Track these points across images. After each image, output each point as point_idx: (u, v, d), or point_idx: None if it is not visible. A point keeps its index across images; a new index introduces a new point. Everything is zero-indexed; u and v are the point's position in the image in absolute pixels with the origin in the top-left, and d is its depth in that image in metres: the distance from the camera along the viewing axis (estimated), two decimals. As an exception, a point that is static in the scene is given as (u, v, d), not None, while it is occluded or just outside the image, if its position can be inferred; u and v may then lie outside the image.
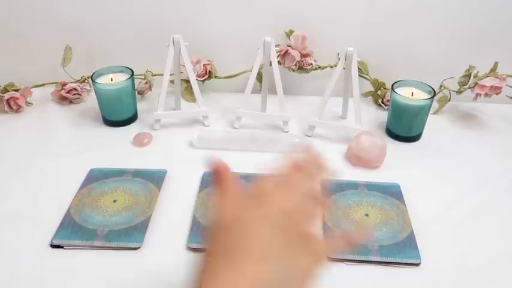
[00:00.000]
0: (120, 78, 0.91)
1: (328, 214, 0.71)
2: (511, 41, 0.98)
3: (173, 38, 0.87)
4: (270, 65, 0.89)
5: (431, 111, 0.90)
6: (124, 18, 1.00)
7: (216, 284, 0.37)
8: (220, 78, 1.03)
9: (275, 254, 0.39)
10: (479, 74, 0.93)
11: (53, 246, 0.65)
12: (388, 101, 0.98)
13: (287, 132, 0.92)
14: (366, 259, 0.64)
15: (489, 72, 0.91)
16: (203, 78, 1.00)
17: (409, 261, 0.63)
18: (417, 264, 0.63)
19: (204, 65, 1.00)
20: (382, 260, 0.63)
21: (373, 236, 0.67)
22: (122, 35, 1.02)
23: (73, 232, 0.67)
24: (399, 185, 0.77)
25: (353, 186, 0.77)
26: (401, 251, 0.65)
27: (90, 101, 1.01)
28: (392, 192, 0.76)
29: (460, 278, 0.62)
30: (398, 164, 0.83)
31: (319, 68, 1.01)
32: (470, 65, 0.94)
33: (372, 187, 0.77)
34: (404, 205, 0.73)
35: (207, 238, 0.42)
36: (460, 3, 0.94)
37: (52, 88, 1.02)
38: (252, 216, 0.42)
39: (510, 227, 0.70)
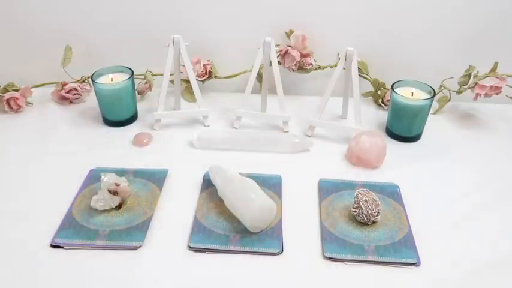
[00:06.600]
0: (120, 78, 0.91)
1: (325, 214, 0.71)
2: (511, 41, 0.98)
3: (173, 38, 0.87)
4: (270, 65, 0.89)
5: (431, 111, 0.90)
6: (124, 18, 1.00)
7: None
8: (220, 78, 1.03)
9: None
10: (479, 74, 0.93)
11: (53, 246, 0.65)
12: (388, 101, 0.98)
13: (287, 132, 0.92)
14: (362, 259, 0.64)
15: (489, 72, 0.92)
16: (203, 78, 1.00)
17: (405, 261, 0.63)
18: (415, 264, 0.63)
19: (204, 65, 1.00)
20: (378, 260, 0.63)
21: None
22: (122, 35, 1.02)
23: (75, 232, 0.67)
24: (396, 185, 0.77)
25: (350, 186, 0.77)
26: (398, 251, 0.65)
27: (90, 101, 1.01)
28: (389, 193, 0.75)
29: (459, 278, 0.62)
30: (398, 164, 0.83)
31: (319, 68, 1.01)
32: (470, 65, 0.94)
33: (369, 187, 0.76)
34: (401, 205, 0.73)
35: None
36: (460, 4, 0.94)
37: (52, 88, 1.02)
38: None
39: (509, 227, 0.71)
